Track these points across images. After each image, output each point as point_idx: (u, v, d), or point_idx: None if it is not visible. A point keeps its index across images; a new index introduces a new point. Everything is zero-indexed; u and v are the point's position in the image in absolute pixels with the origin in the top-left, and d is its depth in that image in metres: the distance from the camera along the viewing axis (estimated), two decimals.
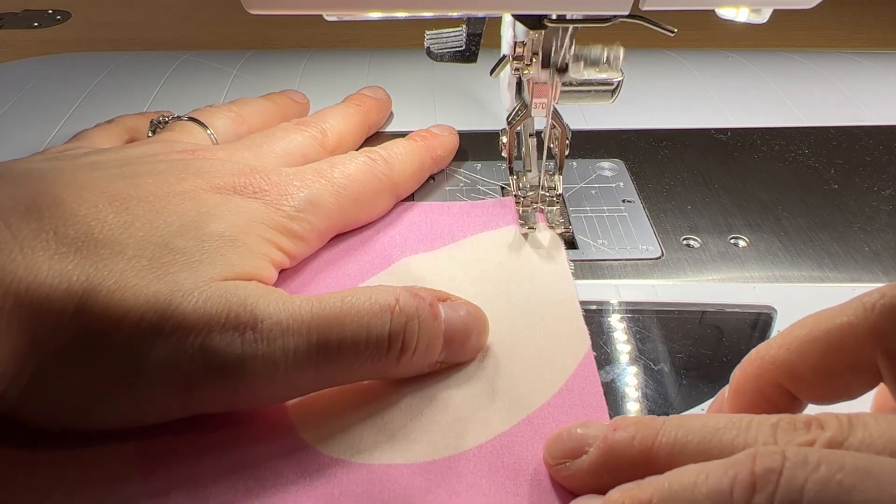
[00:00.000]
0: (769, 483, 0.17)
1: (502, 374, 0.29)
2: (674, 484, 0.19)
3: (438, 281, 0.34)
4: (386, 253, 0.36)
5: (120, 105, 0.51)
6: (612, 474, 0.22)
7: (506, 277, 0.34)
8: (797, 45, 0.66)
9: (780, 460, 0.18)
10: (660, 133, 0.48)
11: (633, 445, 0.22)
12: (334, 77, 0.55)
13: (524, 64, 0.34)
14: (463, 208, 0.39)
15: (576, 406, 0.28)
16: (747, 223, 0.40)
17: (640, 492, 0.20)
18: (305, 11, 0.27)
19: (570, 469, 0.24)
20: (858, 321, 0.21)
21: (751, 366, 0.24)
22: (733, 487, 0.18)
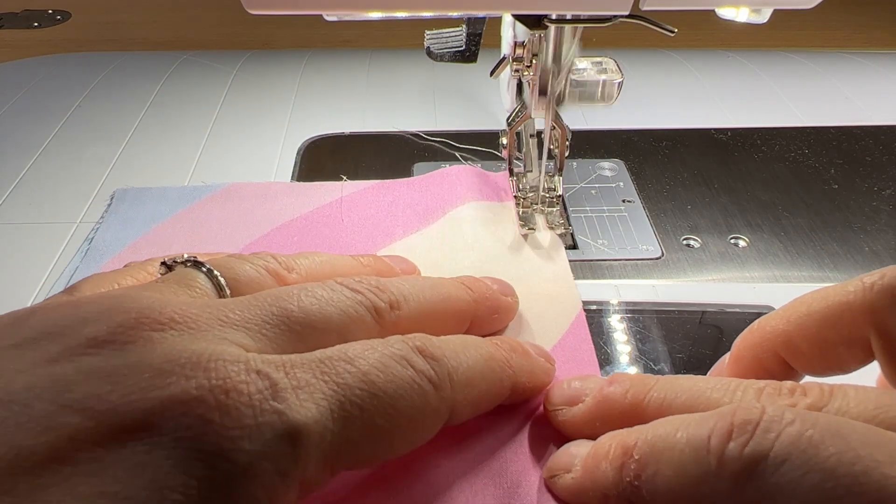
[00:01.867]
0: (745, 433, 0.18)
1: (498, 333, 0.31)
2: (658, 430, 0.21)
3: (432, 256, 0.35)
4: (378, 237, 0.37)
5: (120, 105, 0.51)
6: (604, 423, 0.24)
7: (499, 247, 0.36)
8: (797, 45, 0.66)
9: (759, 414, 0.19)
10: (660, 133, 0.48)
11: (626, 398, 0.23)
12: (334, 77, 0.55)
13: (524, 65, 0.34)
14: (454, 177, 0.41)
15: (569, 361, 0.29)
16: (747, 223, 0.40)
17: (626, 437, 0.21)
18: (305, 11, 0.27)
19: (566, 415, 0.25)
20: (856, 299, 0.22)
21: (752, 335, 0.25)
22: (711, 435, 0.19)
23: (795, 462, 0.17)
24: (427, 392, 0.22)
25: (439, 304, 0.27)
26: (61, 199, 0.41)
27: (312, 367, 0.20)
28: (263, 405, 0.19)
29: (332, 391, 0.20)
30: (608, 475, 0.21)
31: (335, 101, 0.52)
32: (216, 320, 0.21)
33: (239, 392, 0.19)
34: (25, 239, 0.38)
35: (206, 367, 0.19)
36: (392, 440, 0.21)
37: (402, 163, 0.45)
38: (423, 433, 0.23)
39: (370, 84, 0.54)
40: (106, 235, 0.37)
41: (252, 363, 0.20)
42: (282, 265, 0.27)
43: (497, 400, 0.26)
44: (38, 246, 0.37)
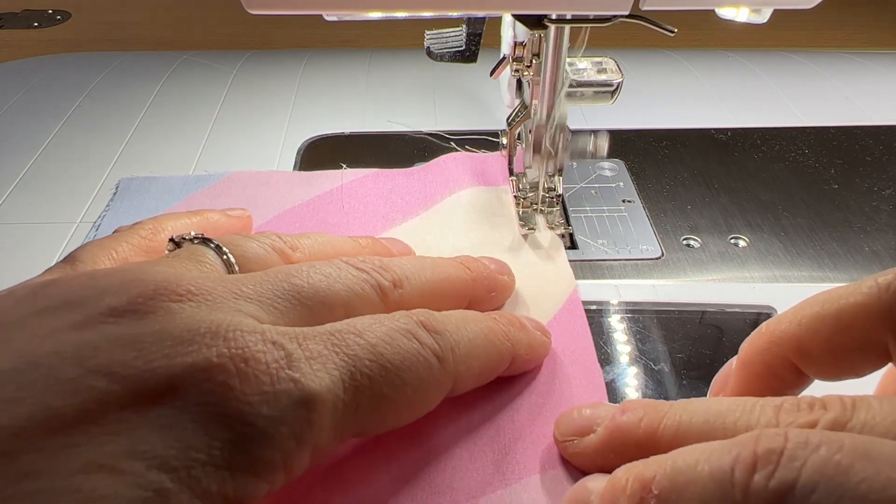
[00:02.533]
0: (770, 463, 0.18)
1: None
2: (677, 462, 0.20)
3: (427, 239, 0.37)
4: (377, 222, 0.38)
5: (120, 105, 0.51)
6: (618, 454, 0.23)
7: (494, 229, 0.37)
8: (797, 45, 0.67)
9: (783, 441, 0.18)
10: (660, 133, 0.48)
11: (640, 427, 0.23)
12: (334, 77, 0.55)
13: (524, 65, 0.34)
14: (449, 164, 0.42)
15: (564, 335, 0.31)
16: (747, 223, 0.40)
17: (644, 470, 0.20)
18: (305, 11, 0.27)
19: (577, 446, 0.25)
20: (871, 301, 0.21)
21: (759, 339, 0.24)
22: (735, 466, 0.18)
23: (825, 490, 0.17)
24: (431, 364, 0.23)
25: (439, 283, 0.28)
26: (61, 199, 0.41)
27: (324, 339, 0.21)
28: (280, 373, 0.20)
29: (343, 362, 0.21)
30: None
31: (335, 101, 0.52)
32: (231, 293, 0.22)
33: (257, 361, 0.19)
34: (25, 239, 0.38)
35: (226, 336, 0.20)
36: (398, 409, 0.23)
37: (402, 163, 0.45)
38: (427, 402, 0.24)
39: (370, 84, 0.54)
40: (112, 223, 0.38)
41: (268, 334, 0.20)
42: (286, 244, 0.28)
43: (497, 371, 0.27)
44: (38, 246, 0.37)
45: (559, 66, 0.33)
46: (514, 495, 0.24)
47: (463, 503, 0.24)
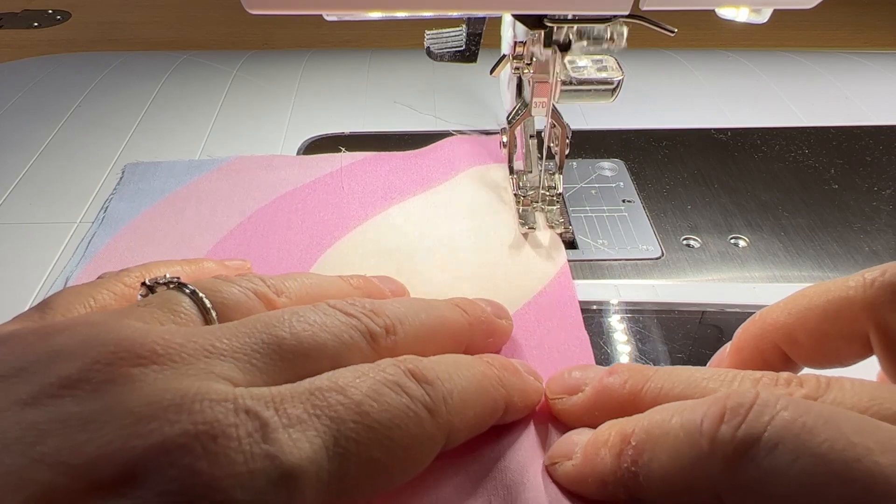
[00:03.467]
0: (738, 416, 0.19)
1: (488, 284, 0.34)
2: (654, 417, 0.21)
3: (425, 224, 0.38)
4: (377, 202, 0.40)
5: (120, 105, 0.51)
6: (603, 411, 0.24)
7: (490, 210, 0.38)
8: (797, 45, 0.67)
9: (752, 398, 0.19)
10: (660, 133, 0.48)
11: (624, 388, 0.24)
12: (334, 77, 0.55)
13: (524, 63, 0.34)
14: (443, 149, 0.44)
15: (553, 304, 0.33)
16: (747, 223, 0.40)
17: (625, 425, 0.22)
18: (305, 11, 0.27)
19: (565, 404, 0.26)
20: (856, 294, 0.22)
21: (753, 326, 0.25)
22: (704, 418, 0.19)
23: (788, 446, 0.18)
24: (423, 419, 0.21)
25: (435, 329, 0.26)
26: (61, 199, 0.41)
27: (303, 401, 0.19)
28: (254, 449, 0.17)
29: (325, 426, 0.19)
30: (606, 462, 0.22)
31: (335, 101, 0.52)
32: (202, 350, 0.20)
33: (227, 436, 0.17)
34: (25, 239, 0.38)
35: (191, 408, 0.17)
36: (390, 472, 0.20)
37: None
38: (420, 461, 0.22)
39: (370, 84, 0.54)
40: (120, 205, 0.40)
41: (241, 401, 0.18)
42: (270, 288, 0.26)
43: (491, 420, 0.25)
44: (38, 246, 0.37)
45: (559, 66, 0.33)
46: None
47: None
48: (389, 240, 0.37)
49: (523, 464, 0.25)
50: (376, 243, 0.37)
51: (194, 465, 0.16)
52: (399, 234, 0.37)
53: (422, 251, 0.36)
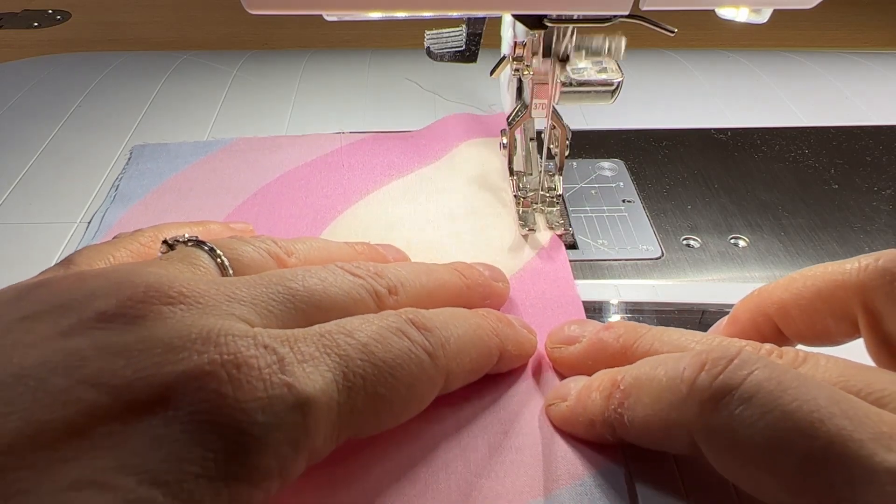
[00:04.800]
0: (717, 366, 0.20)
1: (483, 250, 0.36)
2: (642, 366, 0.23)
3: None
4: (378, 178, 0.41)
5: (120, 105, 0.51)
6: (596, 362, 0.27)
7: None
8: (797, 45, 0.66)
9: (735, 353, 0.21)
10: (660, 133, 0.48)
11: (618, 342, 0.26)
12: (334, 77, 0.55)
13: (524, 64, 0.34)
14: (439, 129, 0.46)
15: (547, 268, 0.35)
16: (747, 223, 0.40)
17: (615, 372, 0.24)
18: (305, 11, 0.27)
19: (562, 353, 0.28)
20: (850, 277, 0.23)
21: (751, 298, 0.27)
22: (686, 367, 0.21)
23: (761, 400, 0.19)
24: (423, 361, 0.23)
25: (434, 290, 0.28)
26: (61, 199, 0.41)
27: (315, 341, 0.21)
28: (273, 378, 0.19)
29: (335, 363, 0.21)
30: (597, 403, 0.24)
31: (335, 101, 0.52)
32: (223, 296, 0.22)
33: (249, 366, 0.19)
34: (25, 239, 0.38)
35: (217, 342, 0.19)
36: (393, 407, 0.22)
37: None
38: (421, 400, 0.24)
39: (370, 84, 0.54)
40: (130, 184, 0.41)
41: (259, 338, 0.20)
42: (282, 249, 0.28)
43: (486, 367, 0.27)
44: (38, 246, 0.37)
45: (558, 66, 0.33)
46: (505, 483, 0.25)
47: (455, 494, 0.24)
48: (391, 212, 0.39)
49: (517, 410, 0.27)
50: (379, 216, 0.39)
51: (220, 390, 0.18)
52: (400, 206, 0.39)
53: (423, 223, 0.38)
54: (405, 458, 0.25)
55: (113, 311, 0.20)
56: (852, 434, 0.18)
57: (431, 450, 0.25)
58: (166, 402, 0.18)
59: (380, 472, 0.24)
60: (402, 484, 0.24)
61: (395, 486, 0.24)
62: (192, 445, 0.18)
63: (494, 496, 0.24)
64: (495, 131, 0.45)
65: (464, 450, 0.25)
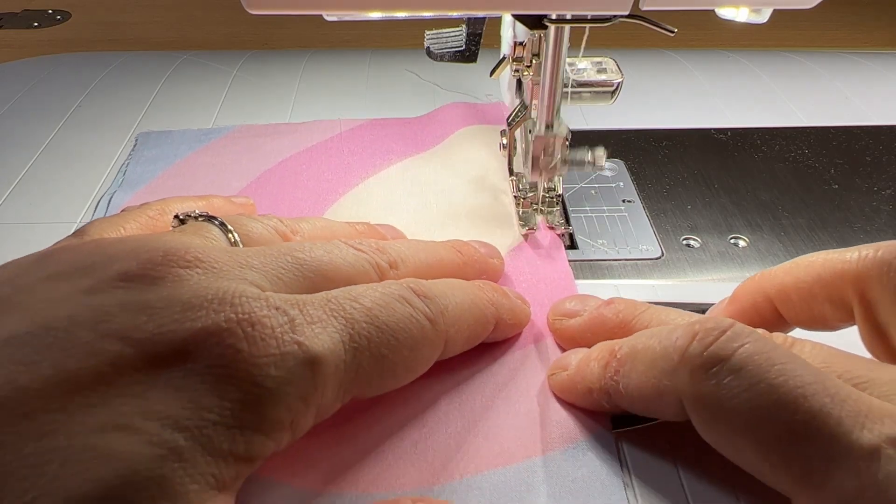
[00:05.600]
0: (709, 337, 0.21)
1: (481, 232, 0.37)
2: (639, 337, 0.24)
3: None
4: (376, 162, 0.43)
5: (120, 105, 0.51)
6: (595, 335, 0.28)
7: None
8: (797, 45, 0.66)
9: (727, 326, 0.21)
10: (660, 133, 0.48)
11: (616, 317, 0.28)
12: (334, 77, 0.55)
13: (524, 65, 0.34)
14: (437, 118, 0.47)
15: (541, 246, 0.36)
16: (747, 223, 0.40)
17: (613, 343, 0.25)
18: (305, 11, 0.27)
19: (564, 325, 0.30)
20: (849, 265, 0.24)
21: (752, 281, 0.27)
22: (680, 336, 0.22)
23: (749, 372, 0.20)
24: (424, 325, 0.24)
25: (432, 266, 0.30)
26: (61, 199, 0.41)
27: (322, 305, 0.22)
28: (285, 337, 0.20)
29: (342, 325, 0.22)
30: (594, 372, 0.25)
31: (335, 101, 0.52)
32: (236, 263, 0.23)
33: (263, 325, 0.20)
34: (25, 239, 0.38)
35: (232, 302, 0.20)
36: (395, 369, 0.24)
37: None
38: (422, 363, 0.25)
39: (370, 84, 0.54)
40: (137, 169, 0.43)
41: (271, 300, 0.21)
42: (287, 227, 0.29)
43: (483, 334, 0.28)
44: (38, 246, 0.37)
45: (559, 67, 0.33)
46: (495, 438, 0.26)
47: (453, 451, 0.25)
48: (390, 196, 0.40)
49: (512, 376, 0.28)
50: (378, 199, 0.40)
51: (237, 345, 0.20)
52: (400, 189, 0.40)
53: (421, 206, 0.39)
54: (406, 417, 0.26)
55: (134, 272, 0.21)
56: (832, 411, 0.19)
57: (431, 409, 0.27)
58: (186, 355, 0.19)
59: (380, 430, 0.26)
60: (401, 439, 0.26)
61: (395, 442, 0.26)
62: (210, 395, 0.19)
63: (492, 454, 0.25)
64: (492, 119, 0.46)
65: (462, 410, 0.27)
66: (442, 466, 0.25)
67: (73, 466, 0.17)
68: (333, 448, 0.25)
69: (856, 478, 0.18)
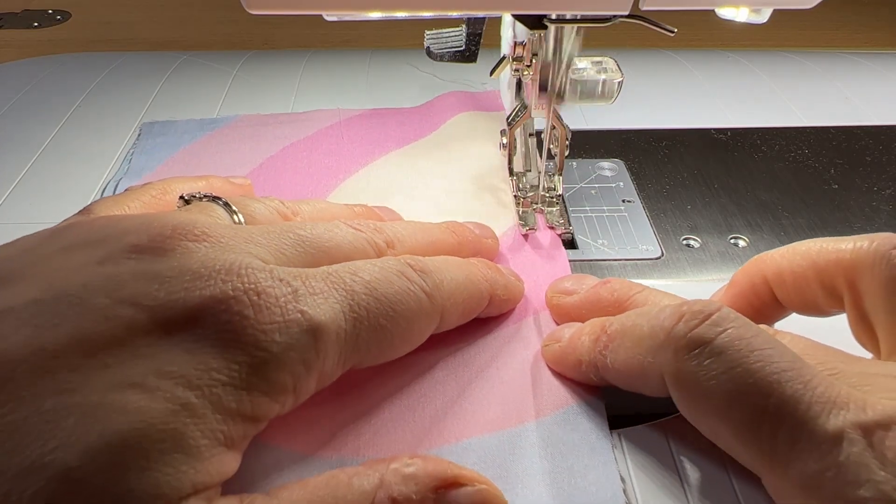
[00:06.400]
0: (695, 319, 0.22)
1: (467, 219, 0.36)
2: (630, 315, 0.26)
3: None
4: (375, 150, 0.44)
5: (120, 105, 0.51)
6: (590, 311, 0.29)
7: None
8: (797, 45, 0.66)
9: (714, 309, 0.22)
10: (660, 133, 0.48)
11: (612, 296, 0.29)
12: (334, 77, 0.55)
13: (524, 65, 0.34)
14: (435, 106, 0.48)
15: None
16: (747, 223, 0.40)
17: (605, 320, 0.26)
18: (305, 11, 0.27)
19: (560, 300, 0.31)
20: (843, 255, 0.25)
21: (750, 264, 0.28)
22: (667, 317, 0.23)
23: (729, 356, 0.21)
24: (421, 298, 0.25)
25: (428, 246, 0.31)
26: (61, 199, 0.41)
27: (323, 278, 0.23)
28: (288, 306, 0.22)
29: (342, 296, 0.23)
30: (585, 345, 0.26)
31: (335, 101, 0.52)
32: (241, 238, 0.24)
33: (268, 294, 0.21)
34: None
35: (238, 273, 0.22)
36: (393, 339, 0.25)
37: None
38: (418, 334, 0.26)
39: (370, 84, 0.54)
40: (142, 157, 0.44)
41: (275, 272, 0.22)
42: (288, 209, 0.30)
43: (478, 309, 0.29)
44: None
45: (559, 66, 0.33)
46: (484, 402, 0.27)
47: (447, 412, 0.26)
48: (390, 180, 0.41)
49: (505, 348, 0.30)
50: (378, 183, 0.41)
51: (244, 312, 0.21)
52: (399, 174, 0.41)
53: (420, 189, 0.40)
54: (401, 385, 0.28)
55: (144, 244, 0.22)
56: (803, 397, 0.20)
57: (427, 377, 0.28)
58: (195, 321, 0.20)
59: (377, 397, 0.27)
60: (396, 405, 0.27)
61: (390, 408, 0.27)
62: (219, 358, 0.20)
63: (485, 420, 0.26)
64: (487, 106, 0.48)
65: (457, 378, 0.28)
66: (437, 431, 0.26)
67: (90, 420, 0.18)
68: (330, 415, 0.26)
69: (819, 460, 0.19)
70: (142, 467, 0.18)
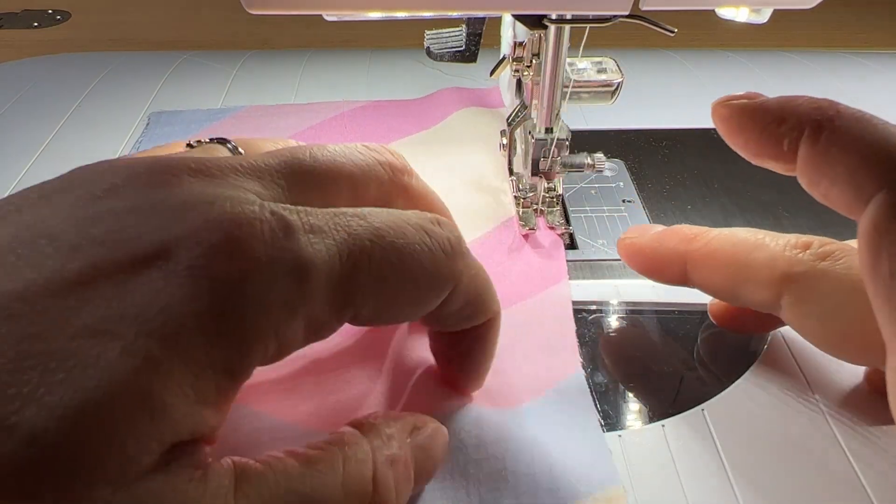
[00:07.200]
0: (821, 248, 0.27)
1: (466, 210, 0.38)
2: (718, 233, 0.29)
3: None
4: (378, 141, 0.44)
5: (120, 105, 0.51)
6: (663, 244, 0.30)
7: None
8: (797, 45, 0.67)
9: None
10: (660, 133, 0.48)
11: (690, 230, 0.30)
12: (334, 77, 0.55)
13: (524, 65, 0.34)
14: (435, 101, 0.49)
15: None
16: (747, 223, 0.39)
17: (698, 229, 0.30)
18: (305, 11, 0.27)
19: (634, 238, 0.31)
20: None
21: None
22: (792, 238, 0.29)
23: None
24: (437, 257, 0.22)
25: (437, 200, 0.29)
26: None
27: (326, 218, 0.21)
28: (275, 242, 0.19)
29: (343, 239, 0.20)
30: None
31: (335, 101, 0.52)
32: (231, 169, 0.22)
33: (252, 227, 0.19)
34: None
35: (222, 206, 0.19)
36: (397, 297, 0.22)
37: None
38: (426, 299, 0.23)
39: (370, 84, 0.54)
40: (149, 146, 0.44)
41: (267, 205, 0.20)
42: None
43: (483, 304, 0.25)
44: None
45: (559, 67, 0.33)
46: None
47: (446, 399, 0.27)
48: None
49: None
50: None
51: (219, 246, 0.18)
52: None
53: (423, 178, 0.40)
54: (397, 362, 0.28)
55: (122, 182, 0.20)
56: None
57: (425, 352, 0.28)
58: (167, 255, 0.18)
59: (371, 371, 0.27)
60: (392, 381, 0.27)
61: (387, 381, 0.27)
62: (188, 300, 0.18)
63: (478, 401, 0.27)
64: (489, 103, 0.48)
65: None
66: (431, 404, 0.26)
67: (54, 375, 0.16)
68: (324, 385, 0.27)
69: None
70: (106, 431, 0.16)
